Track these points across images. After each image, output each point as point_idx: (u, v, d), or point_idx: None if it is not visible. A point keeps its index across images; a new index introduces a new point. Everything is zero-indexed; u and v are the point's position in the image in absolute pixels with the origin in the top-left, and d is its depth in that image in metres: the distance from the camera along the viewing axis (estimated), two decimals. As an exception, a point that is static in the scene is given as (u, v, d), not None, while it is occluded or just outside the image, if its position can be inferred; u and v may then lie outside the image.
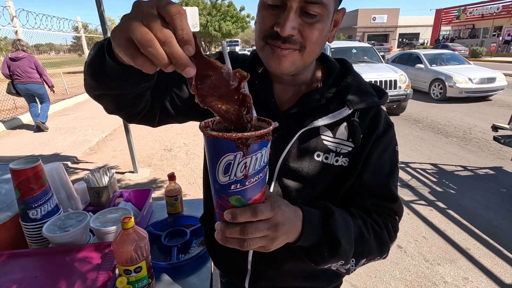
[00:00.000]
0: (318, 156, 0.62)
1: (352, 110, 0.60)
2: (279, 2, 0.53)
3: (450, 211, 2.96)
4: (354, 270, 0.60)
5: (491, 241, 2.50)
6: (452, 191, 3.34)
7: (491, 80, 7.56)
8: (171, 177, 1.12)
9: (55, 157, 4.35)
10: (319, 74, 0.68)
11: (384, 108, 0.71)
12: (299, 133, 0.61)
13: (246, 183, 0.40)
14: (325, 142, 0.62)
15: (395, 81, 6.16)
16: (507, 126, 3.41)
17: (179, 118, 0.70)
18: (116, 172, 3.91)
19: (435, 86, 8.08)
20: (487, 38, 24.99)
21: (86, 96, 9.37)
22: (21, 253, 0.82)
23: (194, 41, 0.34)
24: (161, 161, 4.28)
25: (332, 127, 0.62)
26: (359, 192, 0.65)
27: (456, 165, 3.99)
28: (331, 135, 0.62)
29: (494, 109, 6.92)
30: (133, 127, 5.90)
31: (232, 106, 0.40)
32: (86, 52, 9.65)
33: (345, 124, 0.62)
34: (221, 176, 0.39)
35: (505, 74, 8.21)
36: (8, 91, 5.22)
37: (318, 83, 0.66)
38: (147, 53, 0.32)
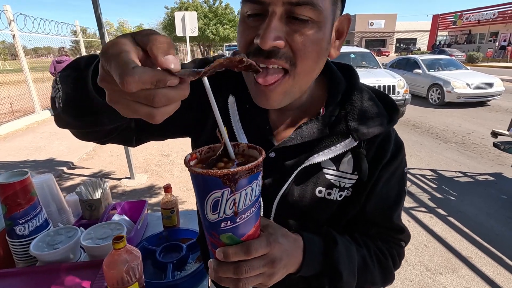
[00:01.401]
0: (320, 192, 0.56)
1: (358, 141, 0.53)
2: (259, 9, 0.43)
3: (451, 218, 2.93)
4: None
5: (493, 250, 2.47)
6: (452, 198, 3.31)
7: (489, 85, 7.60)
8: (167, 188, 1.08)
9: (50, 163, 4.29)
10: (321, 92, 0.58)
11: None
12: (298, 169, 0.54)
13: (237, 220, 0.37)
14: (327, 177, 0.56)
15: (394, 86, 6.17)
16: (507, 132, 3.40)
17: (158, 135, 0.64)
18: (113, 178, 3.86)
19: (433, 91, 8.10)
20: (484, 44, 25.23)
21: (83, 100, 9.31)
22: (7, 273, 0.78)
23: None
24: (159, 166, 4.23)
25: (335, 159, 0.55)
26: (363, 221, 0.60)
27: (455, 171, 3.97)
28: (334, 168, 0.56)
29: (492, 115, 6.93)
30: (130, 131, 5.87)
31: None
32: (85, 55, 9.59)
33: (349, 155, 0.55)
34: (209, 214, 0.37)
35: (502, 80, 8.26)
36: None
37: (320, 105, 0.57)
38: (149, 102, 0.30)
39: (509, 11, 23.15)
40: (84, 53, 9.61)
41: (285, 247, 0.44)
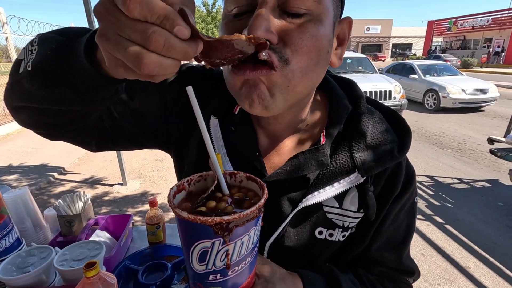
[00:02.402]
0: (321, 233, 0.49)
1: (365, 177, 0.46)
2: (245, 5, 0.37)
3: (448, 226, 2.88)
4: None
5: (491, 259, 2.42)
6: (449, 205, 3.28)
7: (484, 91, 7.64)
8: (152, 203, 1.02)
9: (42, 168, 4.20)
10: (321, 113, 0.50)
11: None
12: (295, 211, 0.46)
13: (229, 273, 0.32)
14: (329, 216, 0.48)
15: (390, 91, 6.18)
16: (503, 139, 3.38)
17: (126, 141, 0.53)
18: (104, 184, 3.78)
19: (429, 97, 8.14)
20: (478, 50, 25.55)
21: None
22: (-30, 299, 0.71)
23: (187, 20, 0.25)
24: (152, 172, 4.15)
25: (339, 196, 0.48)
26: (367, 260, 0.53)
27: (452, 178, 3.94)
28: (337, 206, 0.48)
29: (487, 120, 6.96)
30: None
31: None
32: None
33: (354, 190, 0.48)
34: (195, 264, 0.31)
35: (497, 85, 8.31)
36: None
37: (320, 132, 0.48)
38: (154, 48, 0.24)
39: (503, 18, 23.49)
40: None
41: None
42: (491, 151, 3.49)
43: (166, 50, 0.24)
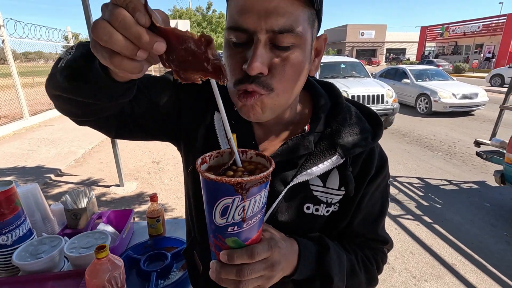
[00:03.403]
0: (308, 208, 0.57)
1: (344, 159, 0.55)
2: (244, 38, 0.45)
3: (436, 226, 2.99)
4: None
5: (476, 257, 2.53)
6: (438, 205, 3.39)
7: (474, 95, 7.84)
8: (153, 198, 1.09)
9: (38, 170, 4.22)
10: (306, 109, 0.60)
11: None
12: (286, 188, 0.55)
13: (244, 226, 0.39)
14: (315, 193, 0.57)
15: (383, 95, 6.31)
16: (489, 142, 3.51)
17: (140, 131, 0.61)
18: (101, 186, 3.82)
19: (421, 101, 8.31)
20: (469, 55, 26.06)
21: (74, 106, 9.20)
22: (-12, 283, 0.78)
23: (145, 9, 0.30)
24: (149, 174, 4.20)
25: (322, 176, 0.56)
26: (350, 233, 0.63)
27: (441, 179, 4.06)
28: (321, 184, 0.57)
29: (477, 124, 7.14)
30: (121, 138, 5.83)
31: (211, 75, 0.35)
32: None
33: (336, 172, 0.57)
34: (218, 218, 0.38)
35: (486, 90, 8.53)
36: None
37: (305, 122, 0.58)
38: (107, 44, 0.30)
39: (493, 24, 24.03)
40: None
41: (284, 251, 0.46)
42: (477, 153, 3.62)
43: (123, 27, 0.29)
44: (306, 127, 0.57)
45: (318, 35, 0.53)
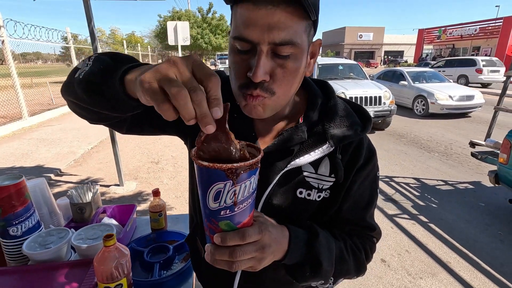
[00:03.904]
0: (301, 193, 0.62)
1: (334, 147, 0.60)
2: (248, 47, 0.50)
3: (432, 225, 3.04)
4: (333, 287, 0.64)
5: (470, 255, 2.58)
6: (433, 205, 3.44)
7: (470, 97, 7.93)
8: (156, 193, 1.13)
9: (38, 170, 4.25)
10: (301, 104, 0.66)
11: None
12: (280, 173, 0.60)
13: (235, 209, 0.42)
14: (307, 179, 0.61)
15: (380, 97, 6.38)
16: (483, 143, 3.57)
17: (150, 127, 0.68)
18: (101, 185, 3.85)
19: (418, 103, 8.39)
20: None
21: (72, 106, 9.22)
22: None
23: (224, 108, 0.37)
24: (148, 174, 4.24)
25: (314, 162, 0.61)
26: (339, 220, 0.67)
27: (437, 180, 4.12)
28: (313, 171, 0.62)
29: (473, 126, 7.22)
30: (120, 138, 5.85)
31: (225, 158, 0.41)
32: (75, 62, 9.57)
33: (327, 159, 0.61)
34: (211, 203, 0.41)
35: (482, 92, 8.63)
36: None
37: (299, 115, 0.63)
38: (178, 106, 0.34)
39: (490, 27, 24.25)
40: (74, 60, 9.57)
41: (274, 236, 0.49)
42: (472, 154, 3.68)
43: (198, 103, 0.34)
44: (300, 119, 0.63)
45: (314, 40, 0.58)
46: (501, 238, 2.81)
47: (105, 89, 0.47)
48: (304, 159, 0.59)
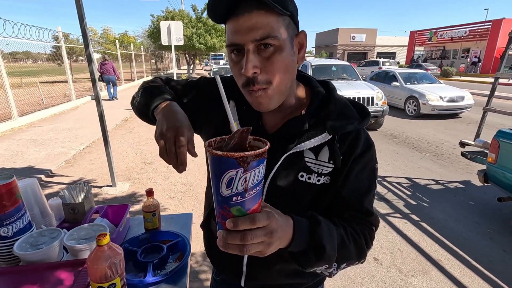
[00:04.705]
0: (302, 176, 0.68)
1: (332, 135, 0.66)
2: (237, 49, 0.60)
3: (423, 224, 3.09)
4: (336, 273, 0.66)
5: (461, 252, 2.63)
6: (425, 204, 3.50)
7: (460, 98, 8.08)
8: (149, 192, 1.13)
9: (28, 171, 4.17)
10: (304, 99, 0.73)
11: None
12: (284, 156, 0.66)
13: (246, 195, 0.45)
14: (307, 164, 0.67)
15: (372, 98, 6.45)
16: (473, 143, 3.65)
17: None
18: (94, 186, 3.80)
19: (409, 103, 8.51)
20: (457, 59, 26.75)
21: (64, 106, 9.10)
22: (-11, 272, 0.80)
23: (241, 135, 0.46)
24: (141, 174, 4.20)
25: (314, 150, 0.67)
26: (339, 205, 0.70)
27: (428, 179, 4.19)
28: (314, 157, 0.67)
29: (463, 126, 7.36)
30: (113, 139, 5.79)
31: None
32: (66, 61, 9.45)
33: (326, 147, 0.67)
34: (224, 190, 0.44)
35: (472, 93, 8.80)
36: (99, 79, 9.35)
37: (303, 109, 0.70)
38: (163, 156, 0.60)
39: (479, 30, 24.75)
40: (66, 59, 9.43)
41: (280, 223, 0.52)
42: (462, 154, 3.75)
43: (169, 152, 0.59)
44: (303, 111, 0.69)
45: (298, 32, 0.64)
46: (490, 236, 2.87)
47: (148, 115, 0.72)
48: (305, 145, 0.66)
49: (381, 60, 21.56)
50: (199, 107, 0.79)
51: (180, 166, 0.59)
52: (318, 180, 0.68)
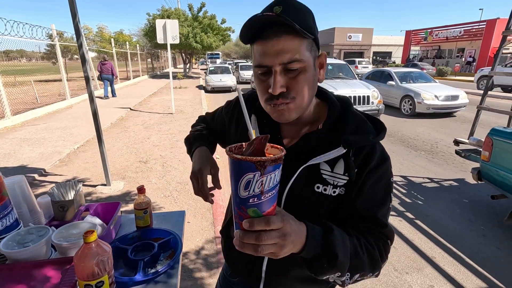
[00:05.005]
0: (318, 188, 0.70)
1: (346, 149, 0.68)
2: (265, 70, 0.65)
3: (418, 221, 3.10)
4: (349, 283, 0.67)
5: (454, 250, 2.64)
6: (420, 202, 3.51)
7: (455, 97, 8.14)
8: (140, 190, 1.11)
9: (21, 170, 4.12)
10: (321, 114, 0.76)
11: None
12: (301, 168, 0.69)
13: (262, 198, 0.48)
14: (323, 176, 0.70)
15: (368, 97, 6.48)
16: (467, 141, 3.67)
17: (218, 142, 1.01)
18: (88, 185, 3.77)
19: (405, 102, 8.55)
20: (452, 59, 26.93)
21: (58, 105, 9.01)
22: (-26, 271, 0.78)
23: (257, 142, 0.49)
24: (136, 173, 4.17)
25: (330, 162, 0.70)
26: (353, 216, 0.71)
27: (423, 177, 4.21)
28: (329, 170, 0.70)
29: (458, 125, 7.41)
30: (108, 138, 5.74)
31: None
32: (61, 60, 9.33)
33: (341, 160, 0.69)
34: (242, 191, 0.47)
35: (467, 92, 8.86)
36: (98, 78, 11.44)
37: (320, 123, 0.74)
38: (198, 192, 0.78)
39: (474, 30, 24.93)
40: (60, 57, 9.33)
41: (294, 227, 0.54)
42: (456, 152, 3.78)
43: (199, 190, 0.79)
44: (320, 126, 0.73)
45: (319, 53, 0.70)
46: (483, 233, 2.90)
47: (191, 157, 0.91)
48: (321, 158, 0.69)
49: (357, 59, 23.55)
50: (226, 126, 0.92)
51: (205, 199, 0.75)
52: (334, 192, 0.70)
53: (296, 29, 0.58)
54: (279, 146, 0.53)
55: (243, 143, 0.54)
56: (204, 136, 0.94)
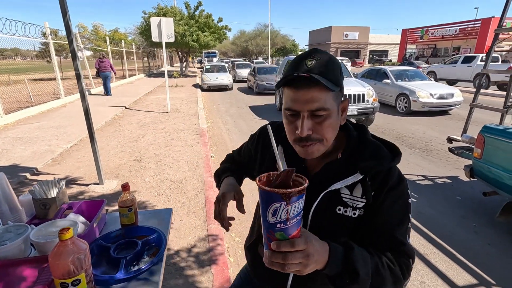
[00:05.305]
0: (339, 210, 0.77)
1: (363, 175, 0.74)
2: (294, 113, 0.72)
3: (412, 219, 3.11)
4: None
5: (446, 246, 2.66)
6: (413, 199, 3.52)
7: (450, 95, 8.17)
8: (125, 187, 1.10)
9: (12, 169, 4.08)
10: (340, 143, 0.82)
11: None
12: (322, 194, 0.76)
13: (288, 224, 0.54)
14: (344, 199, 0.77)
15: (363, 95, 6.48)
16: (460, 138, 3.69)
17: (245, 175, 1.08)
18: (80, 184, 3.74)
19: (400, 100, 8.58)
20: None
21: (52, 104, 8.93)
22: (-51, 270, 0.77)
23: (285, 174, 0.57)
24: (130, 172, 4.15)
25: (349, 187, 0.76)
26: (373, 236, 0.75)
27: (417, 175, 4.23)
28: (349, 193, 0.76)
29: (452, 122, 7.45)
30: (102, 137, 5.70)
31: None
32: (54, 58, 9.24)
33: (359, 184, 0.76)
34: (270, 218, 0.54)
35: (461, 91, 8.91)
36: (96, 75, 11.50)
37: (339, 152, 0.80)
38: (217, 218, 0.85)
39: (469, 28, 25.07)
40: (54, 56, 9.25)
41: (317, 248, 0.60)
42: (450, 149, 3.79)
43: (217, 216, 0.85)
44: (339, 155, 0.80)
45: (343, 99, 0.77)
46: (475, 229, 2.91)
47: (219, 188, 0.98)
48: (341, 184, 0.76)
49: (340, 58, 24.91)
50: (253, 157, 1.00)
51: (221, 224, 0.83)
52: (354, 213, 0.76)
53: (326, 84, 0.66)
54: (302, 176, 0.59)
55: (271, 173, 0.61)
56: (231, 169, 1.04)
